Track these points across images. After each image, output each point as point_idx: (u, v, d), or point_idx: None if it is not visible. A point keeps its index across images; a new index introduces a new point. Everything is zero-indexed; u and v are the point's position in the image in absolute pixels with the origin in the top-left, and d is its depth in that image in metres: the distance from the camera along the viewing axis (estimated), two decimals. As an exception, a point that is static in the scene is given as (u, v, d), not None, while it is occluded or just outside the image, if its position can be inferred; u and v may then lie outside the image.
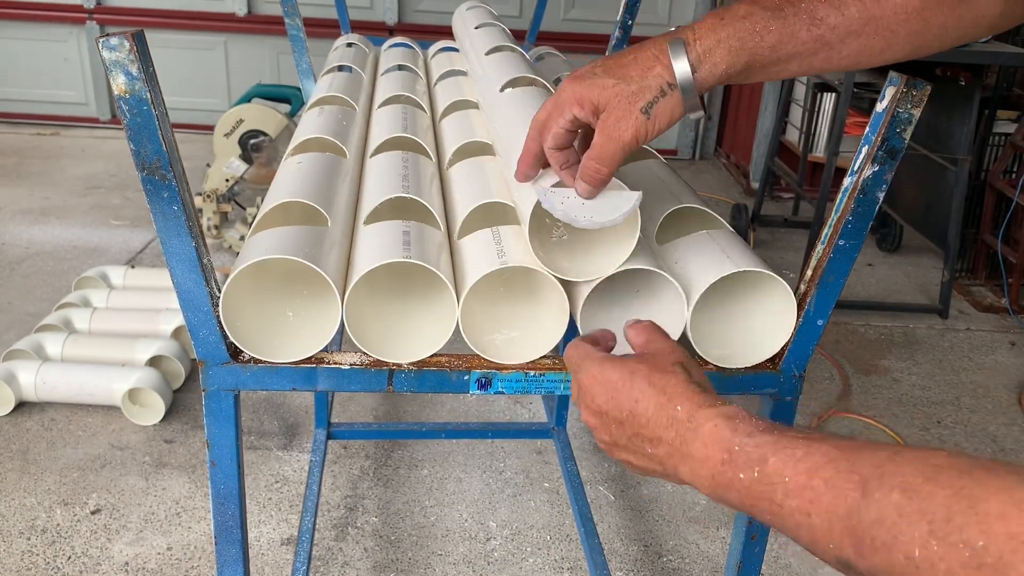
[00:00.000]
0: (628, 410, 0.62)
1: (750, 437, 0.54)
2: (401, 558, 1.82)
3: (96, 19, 4.76)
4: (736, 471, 0.54)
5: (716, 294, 0.81)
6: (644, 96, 0.67)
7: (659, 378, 0.62)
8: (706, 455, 0.56)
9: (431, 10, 4.76)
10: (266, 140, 3.33)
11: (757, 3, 0.66)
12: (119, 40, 0.65)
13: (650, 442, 0.61)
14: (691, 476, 0.58)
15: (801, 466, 0.50)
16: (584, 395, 0.66)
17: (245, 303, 0.79)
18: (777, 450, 0.52)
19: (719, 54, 0.66)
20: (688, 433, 0.58)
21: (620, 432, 0.63)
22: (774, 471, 0.51)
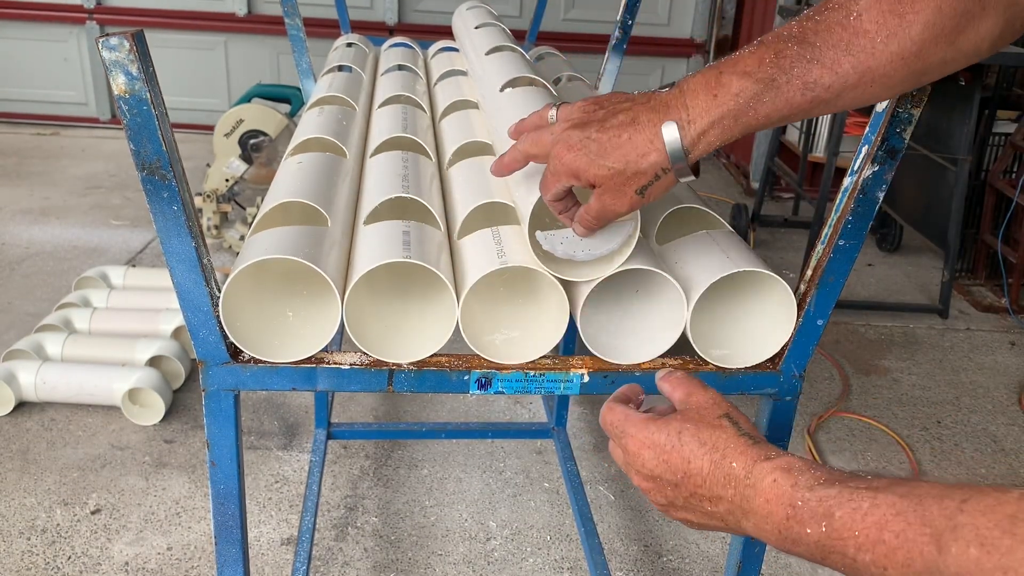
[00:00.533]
0: (682, 472, 0.61)
1: (811, 491, 0.54)
2: (401, 558, 1.82)
3: (96, 19, 4.76)
4: (802, 526, 0.54)
5: (716, 294, 0.81)
6: (639, 180, 0.68)
7: (709, 434, 0.62)
8: (769, 511, 0.56)
9: (431, 10, 4.76)
10: (266, 140, 3.33)
11: (749, 76, 0.65)
12: (119, 40, 0.65)
13: (709, 501, 0.61)
14: (756, 530, 0.58)
15: (869, 519, 0.50)
16: (633, 460, 0.65)
17: (245, 303, 0.79)
18: (842, 503, 0.52)
19: (713, 134, 0.67)
20: (747, 490, 0.58)
21: (676, 494, 0.63)
22: (842, 526, 0.51)
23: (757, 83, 0.65)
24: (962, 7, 0.62)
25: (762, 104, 0.65)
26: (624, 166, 0.68)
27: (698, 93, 0.66)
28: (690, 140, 0.67)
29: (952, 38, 0.63)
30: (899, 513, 0.48)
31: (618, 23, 1.56)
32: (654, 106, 0.68)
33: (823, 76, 0.64)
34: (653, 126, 0.67)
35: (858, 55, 0.63)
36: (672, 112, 0.67)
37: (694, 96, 0.66)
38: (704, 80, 0.67)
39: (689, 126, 0.66)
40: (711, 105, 0.66)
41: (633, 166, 0.68)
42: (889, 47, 0.63)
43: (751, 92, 0.65)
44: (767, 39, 0.66)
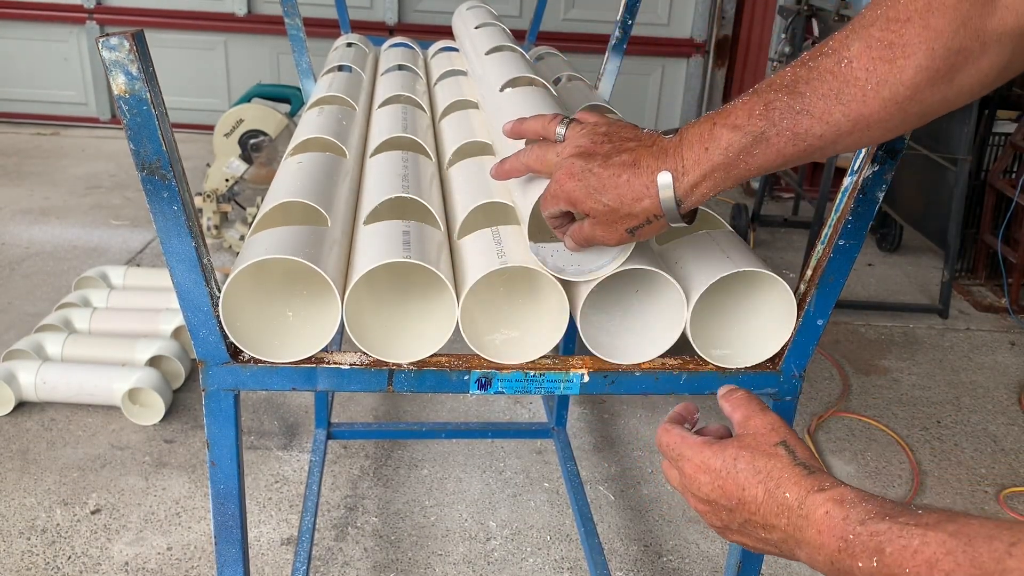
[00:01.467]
0: (737, 498, 0.62)
1: (863, 525, 0.54)
2: (401, 558, 1.82)
3: (96, 19, 4.76)
4: (854, 560, 0.54)
5: (716, 294, 0.81)
6: (631, 221, 0.71)
7: (764, 463, 0.62)
8: (821, 542, 0.57)
9: (431, 10, 4.76)
10: (266, 140, 3.33)
11: (739, 129, 0.65)
12: (119, 40, 0.65)
13: (763, 528, 0.61)
14: (809, 560, 0.59)
15: (919, 557, 0.50)
16: (690, 484, 0.66)
17: (245, 303, 0.79)
18: (892, 539, 0.52)
19: (706, 186, 0.67)
20: (800, 520, 0.58)
21: (731, 518, 0.64)
22: (893, 562, 0.52)
23: (746, 136, 0.65)
24: (957, 46, 0.59)
25: (752, 156, 0.65)
26: (619, 205, 0.70)
27: (693, 144, 0.67)
28: (683, 191, 0.68)
29: (950, 77, 0.61)
30: (949, 552, 0.49)
31: (618, 23, 1.56)
32: (655, 152, 0.69)
33: (814, 126, 0.63)
34: (651, 173, 0.68)
35: (849, 104, 0.62)
36: (669, 161, 0.68)
37: (689, 147, 0.67)
38: (699, 132, 0.67)
39: (683, 177, 0.67)
40: (703, 158, 0.66)
41: (627, 208, 0.70)
42: (881, 93, 0.61)
43: (740, 145, 0.65)
44: (760, 88, 0.66)
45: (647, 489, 2.09)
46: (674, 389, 0.84)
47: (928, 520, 0.52)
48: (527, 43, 1.96)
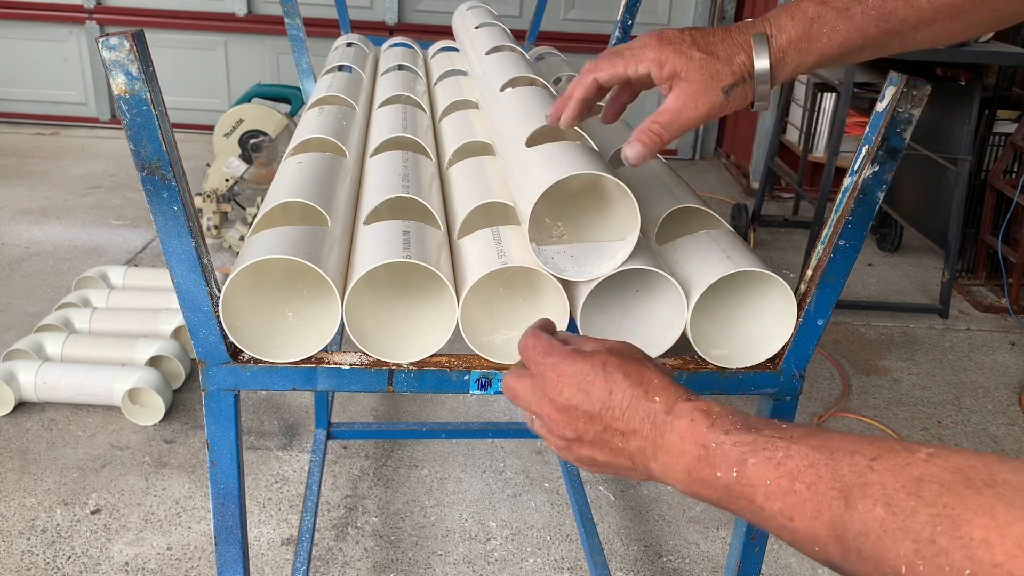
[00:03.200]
0: (601, 402, 0.60)
1: (727, 435, 0.54)
2: (401, 558, 1.82)
3: (96, 19, 4.76)
4: (713, 469, 0.54)
5: (716, 294, 0.81)
6: (728, 77, 0.68)
7: (634, 369, 0.61)
8: (682, 449, 0.56)
9: (431, 10, 4.76)
10: (266, 140, 3.33)
11: (826, 4, 0.67)
12: (119, 40, 0.65)
13: (622, 435, 0.59)
14: (663, 470, 0.58)
15: (782, 469, 0.50)
16: (550, 389, 0.62)
17: (245, 303, 0.79)
18: (756, 451, 0.52)
19: (791, 55, 0.68)
20: (665, 426, 0.57)
21: (589, 426, 0.61)
22: (754, 473, 0.51)
23: (832, 10, 0.66)
24: None
25: (836, 32, 0.66)
26: (716, 59, 0.68)
27: (780, 15, 0.68)
28: (776, 49, 0.67)
29: None
30: (811, 465, 0.49)
31: (618, 23, 1.56)
32: (744, 24, 0.70)
33: (898, 8, 0.65)
34: (743, 33, 0.69)
35: None
36: (759, 25, 0.69)
37: (776, 17, 0.68)
38: (785, 7, 0.69)
39: (773, 39, 0.68)
40: (788, 25, 0.67)
41: (725, 61, 0.68)
42: None
43: (827, 18, 0.66)
44: None
45: (647, 489, 2.09)
46: (674, 389, 0.84)
47: (793, 434, 0.51)
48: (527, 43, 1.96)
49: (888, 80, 0.74)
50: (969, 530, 0.40)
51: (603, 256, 0.79)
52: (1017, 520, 0.39)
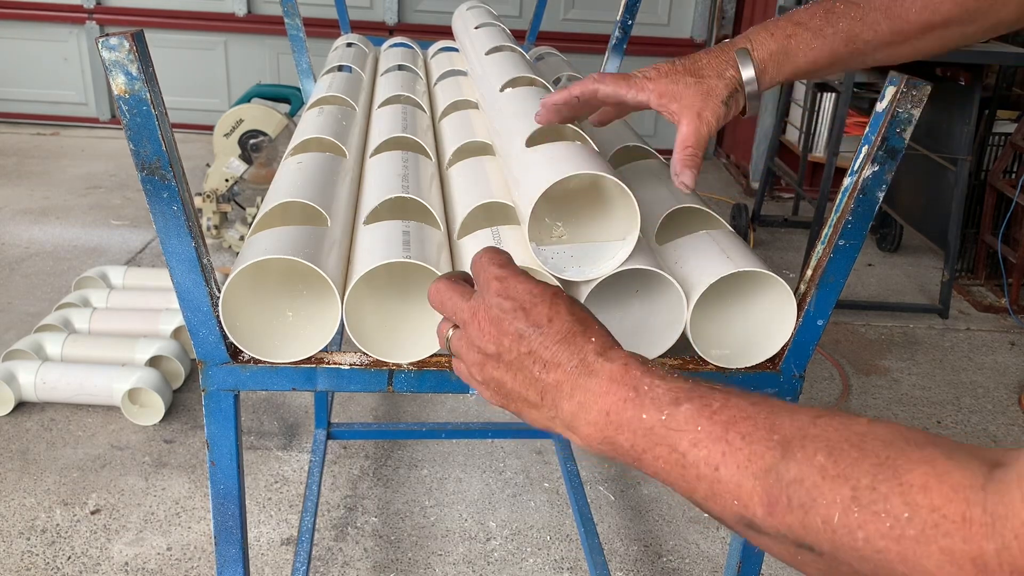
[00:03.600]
0: (536, 325, 0.57)
1: (663, 380, 0.53)
2: (401, 558, 1.82)
3: (96, 19, 4.76)
4: (639, 410, 0.52)
5: (716, 294, 0.81)
6: (723, 90, 0.75)
7: (579, 310, 0.59)
8: (607, 390, 0.54)
9: (431, 10, 4.76)
10: (266, 140, 3.33)
11: (801, 24, 0.76)
12: (119, 40, 0.65)
13: (544, 365, 0.57)
14: (575, 410, 0.56)
15: (718, 417, 0.49)
16: (488, 297, 0.60)
17: (245, 303, 0.79)
18: (692, 397, 0.51)
19: (770, 66, 0.76)
20: (594, 364, 0.56)
21: (514, 345, 0.58)
22: (686, 418, 0.50)
23: (808, 31, 0.75)
24: None
25: (811, 49, 0.75)
26: (707, 78, 0.75)
27: (759, 32, 0.76)
28: (759, 60, 0.75)
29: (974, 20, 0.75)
30: (749, 417, 0.48)
31: (618, 23, 1.56)
32: (723, 45, 0.77)
33: (864, 32, 0.75)
34: (727, 52, 0.76)
35: (895, 20, 0.75)
36: (739, 43, 0.77)
37: (755, 34, 0.76)
38: (764, 26, 0.77)
39: (756, 50, 0.76)
40: (769, 40, 0.76)
41: (715, 78, 0.75)
42: (922, 16, 0.74)
43: (802, 36, 0.75)
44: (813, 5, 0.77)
45: (647, 489, 2.09)
46: (674, 389, 0.84)
47: (731, 390, 0.51)
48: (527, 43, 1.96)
49: (888, 80, 0.74)
50: (910, 478, 0.40)
51: (603, 256, 0.79)
52: (956, 469, 0.39)
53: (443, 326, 0.64)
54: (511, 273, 0.60)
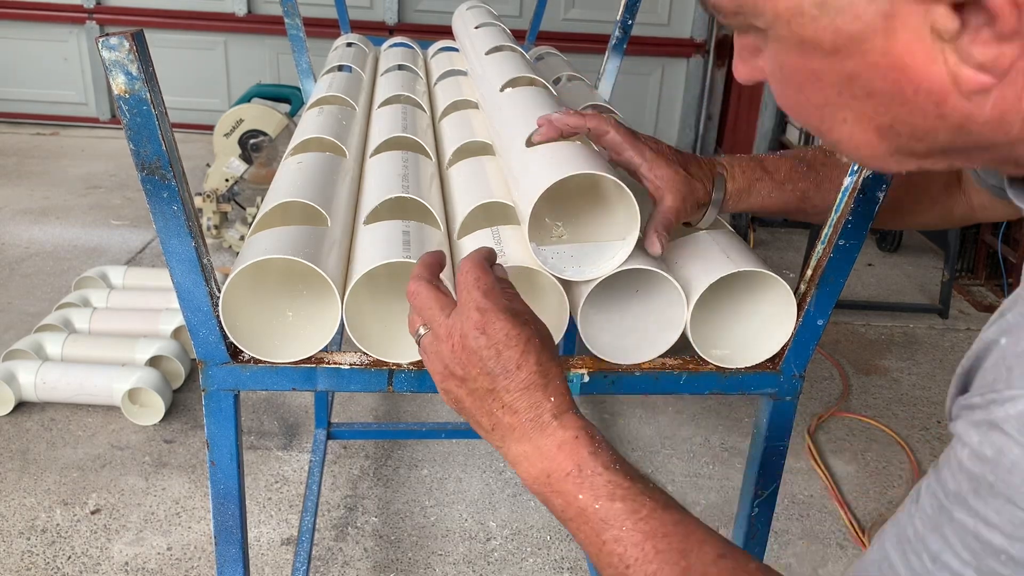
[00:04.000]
0: (504, 369, 0.61)
1: (606, 470, 0.58)
2: (401, 558, 1.82)
3: (96, 19, 4.76)
4: (577, 490, 0.58)
5: (716, 294, 0.81)
6: (701, 196, 0.83)
7: (547, 361, 0.62)
8: (552, 455, 0.60)
9: (431, 10, 4.76)
10: (266, 140, 3.33)
11: (768, 173, 0.84)
12: (119, 40, 0.65)
13: (502, 405, 0.62)
14: (517, 457, 0.62)
15: (642, 525, 0.56)
16: (466, 324, 0.62)
17: (245, 303, 0.79)
18: (627, 497, 0.57)
19: (734, 198, 0.84)
20: (548, 426, 0.61)
21: (480, 379, 0.62)
22: (615, 515, 0.56)
23: (772, 182, 0.84)
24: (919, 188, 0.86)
25: (770, 197, 0.84)
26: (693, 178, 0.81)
27: (734, 166, 0.84)
28: (729, 191, 0.83)
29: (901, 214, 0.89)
30: (667, 535, 0.55)
31: (618, 23, 1.56)
32: (710, 161, 0.84)
33: (815, 197, 0.84)
34: (712, 168, 0.83)
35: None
36: (719, 169, 0.84)
37: (732, 167, 0.84)
38: (738, 160, 0.85)
39: (730, 182, 0.83)
40: (739, 176, 0.84)
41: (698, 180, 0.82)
42: None
43: (766, 183, 0.84)
44: (796, 153, 0.87)
45: (647, 489, 2.09)
46: (674, 389, 0.84)
47: (660, 499, 0.57)
48: (527, 43, 1.96)
49: (888, 80, 0.73)
50: None
51: (602, 256, 0.79)
52: None
53: (415, 322, 0.67)
54: (492, 306, 0.62)
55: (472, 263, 0.66)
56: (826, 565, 1.88)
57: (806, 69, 0.44)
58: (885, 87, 0.41)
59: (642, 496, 0.57)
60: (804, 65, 0.44)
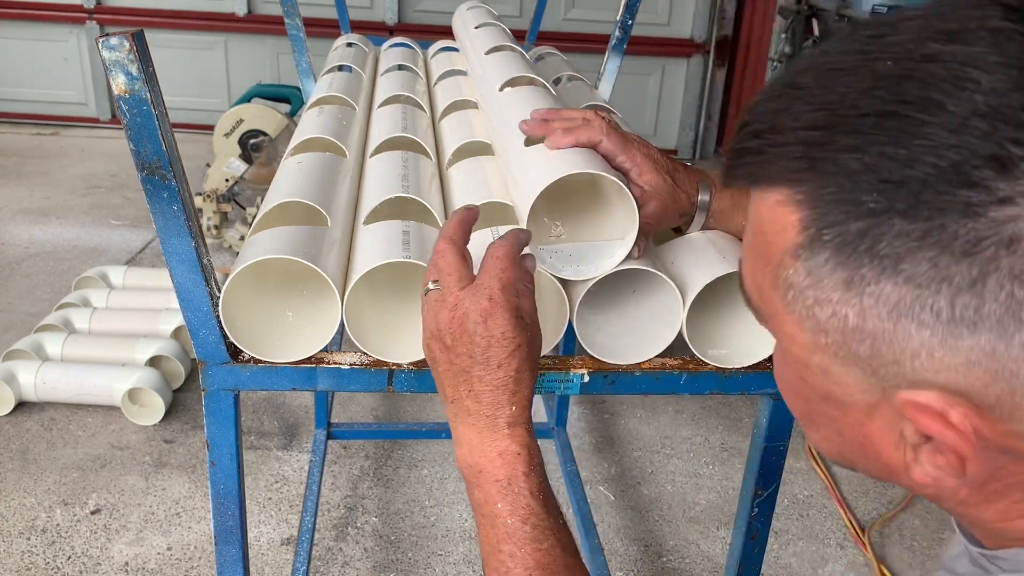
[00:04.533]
0: (486, 360, 0.65)
1: (530, 495, 0.64)
2: (401, 558, 1.82)
3: (96, 19, 4.76)
4: (498, 498, 0.64)
5: (713, 294, 0.81)
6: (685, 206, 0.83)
7: (526, 371, 0.66)
8: (490, 457, 0.65)
9: (431, 10, 4.76)
10: (266, 140, 3.33)
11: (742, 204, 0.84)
12: (119, 40, 0.65)
13: (470, 392, 0.66)
14: (461, 440, 0.66)
15: (537, 555, 0.62)
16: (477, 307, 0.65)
17: (245, 303, 0.79)
18: (537, 526, 0.63)
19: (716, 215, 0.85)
20: (500, 430, 0.65)
21: (462, 356, 0.66)
22: (519, 537, 0.62)
23: None
24: None
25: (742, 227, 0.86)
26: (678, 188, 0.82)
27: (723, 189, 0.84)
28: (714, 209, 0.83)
29: None
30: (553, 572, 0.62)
31: (618, 23, 1.56)
32: (698, 172, 0.86)
33: None
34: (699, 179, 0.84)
35: None
36: (706, 176, 0.86)
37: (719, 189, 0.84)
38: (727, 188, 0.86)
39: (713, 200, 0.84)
40: (724, 193, 0.84)
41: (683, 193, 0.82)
42: None
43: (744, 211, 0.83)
44: None
45: (647, 489, 2.09)
46: (674, 389, 0.84)
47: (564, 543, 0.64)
48: (527, 43, 1.96)
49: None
50: None
51: (600, 256, 0.79)
52: None
53: (431, 275, 0.70)
54: (502, 303, 0.66)
55: (505, 252, 0.68)
56: (826, 565, 1.88)
57: (799, 378, 0.48)
58: (853, 439, 0.47)
59: (549, 531, 0.63)
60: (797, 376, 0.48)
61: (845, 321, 0.42)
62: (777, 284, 0.45)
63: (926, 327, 0.40)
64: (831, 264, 0.41)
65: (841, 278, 0.41)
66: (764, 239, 0.46)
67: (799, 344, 0.46)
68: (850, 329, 0.42)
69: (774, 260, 0.45)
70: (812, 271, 0.42)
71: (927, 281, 0.39)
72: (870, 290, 0.40)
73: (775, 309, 0.46)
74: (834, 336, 0.43)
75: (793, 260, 0.43)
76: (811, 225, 0.42)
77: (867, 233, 0.40)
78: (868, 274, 0.40)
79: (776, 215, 0.44)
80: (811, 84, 0.43)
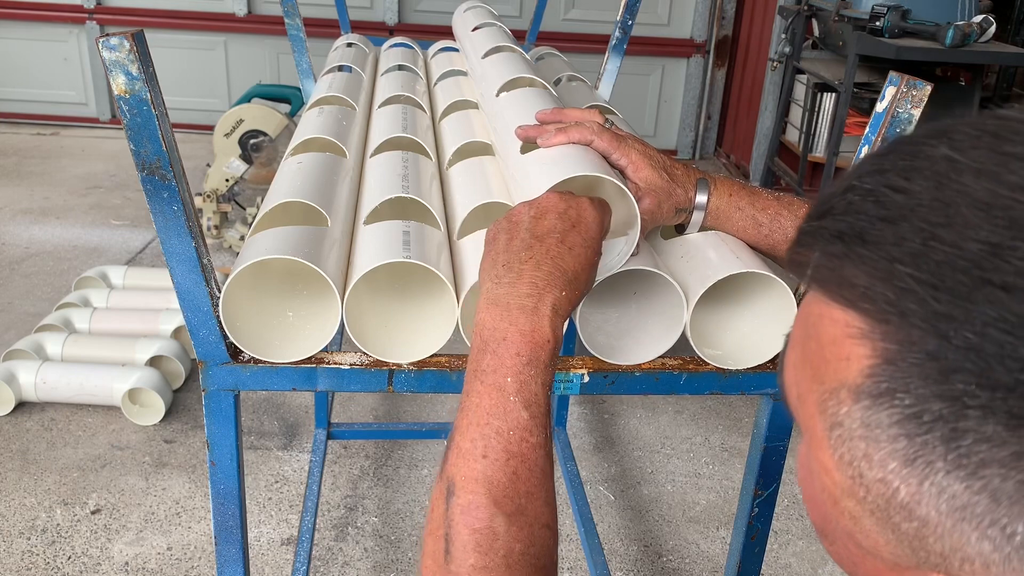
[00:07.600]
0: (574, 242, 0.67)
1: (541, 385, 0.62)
2: (401, 558, 1.82)
3: (96, 19, 4.76)
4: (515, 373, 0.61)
5: (716, 294, 0.81)
6: (682, 201, 0.83)
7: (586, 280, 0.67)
8: (516, 337, 0.62)
9: (431, 10, 4.76)
10: (266, 140, 3.33)
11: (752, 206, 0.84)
12: (119, 40, 0.65)
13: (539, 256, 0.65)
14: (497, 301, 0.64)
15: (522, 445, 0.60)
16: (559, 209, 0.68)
17: (245, 303, 0.79)
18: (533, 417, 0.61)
19: (714, 214, 0.84)
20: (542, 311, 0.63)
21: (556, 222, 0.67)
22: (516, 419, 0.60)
23: (750, 213, 0.84)
24: None
25: (742, 228, 0.84)
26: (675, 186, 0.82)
27: (722, 184, 0.85)
28: (711, 207, 0.83)
29: None
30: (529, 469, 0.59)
31: (618, 23, 1.56)
32: (696, 170, 0.86)
33: (779, 244, 0.84)
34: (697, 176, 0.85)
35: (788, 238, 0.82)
36: (704, 176, 0.85)
37: (720, 183, 0.84)
38: (729, 181, 0.85)
39: (712, 196, 0.83)
40: (724, 196, 0.84)
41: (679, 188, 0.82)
42: None
43: (745, 213, 0.84)
44: (779, 194, 0.87)
45: (647, 489, 2.09)
46: (674, 389, 0.84)
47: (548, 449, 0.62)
48: (527, 43, 1.96)
49: (888, 80, 0.74)
50: None
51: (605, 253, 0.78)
52: None
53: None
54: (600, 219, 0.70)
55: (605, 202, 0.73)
56: (826, 565, 1.88)
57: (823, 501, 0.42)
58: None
59: (541, 430, 0.61)
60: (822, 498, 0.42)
61: (895, 494, 0.35)
62: (824, 412, 0.38)
63: (989, 541, 0.34)
64: (895, 431, 0.34)
65: (903, 451, 0.34)
66: (821, 354, 0.38)
67: (832, 480, 0.39)
68: (898, 503, 0.36)
69: (827, 383, 0.37)
70: (871, 425, 0.35)
71: (1010, 502, 0.33)
72: (936, 480, 0.34)
73: (814, 432, 0.39)
74: (877, 500, 0.36)
75: (851, 400, 0.36)
76: (885, 379, 0.34)
77: (951, 422, 0.33)
78: (938, 464, 0.33)
79: (844, 341, 0.36)
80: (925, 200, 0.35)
